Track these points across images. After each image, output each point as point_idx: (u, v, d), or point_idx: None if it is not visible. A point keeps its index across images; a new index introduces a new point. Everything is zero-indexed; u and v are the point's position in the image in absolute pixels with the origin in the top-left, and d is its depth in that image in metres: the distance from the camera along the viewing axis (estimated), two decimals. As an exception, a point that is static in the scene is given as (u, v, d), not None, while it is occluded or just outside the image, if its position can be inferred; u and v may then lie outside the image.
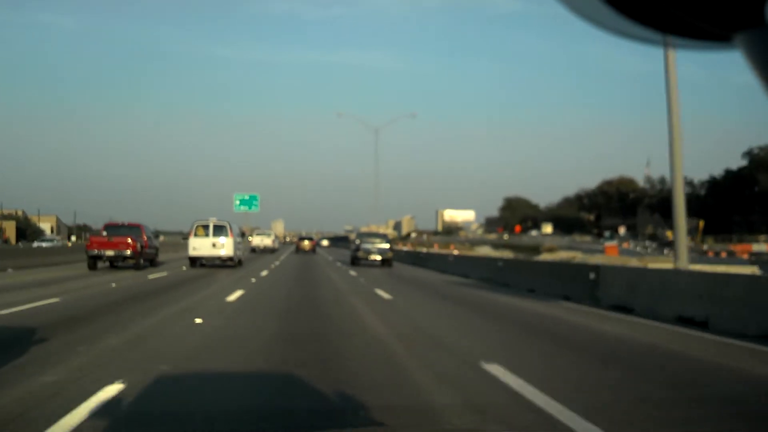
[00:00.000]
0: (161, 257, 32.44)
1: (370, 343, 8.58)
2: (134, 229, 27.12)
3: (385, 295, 15.69)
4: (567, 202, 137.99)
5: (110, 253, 26.00)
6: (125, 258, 26.17)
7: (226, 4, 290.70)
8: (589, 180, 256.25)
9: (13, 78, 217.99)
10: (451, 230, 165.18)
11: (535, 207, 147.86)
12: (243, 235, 42.58)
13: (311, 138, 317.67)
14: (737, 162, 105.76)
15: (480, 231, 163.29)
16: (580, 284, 15.29)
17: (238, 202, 65.88)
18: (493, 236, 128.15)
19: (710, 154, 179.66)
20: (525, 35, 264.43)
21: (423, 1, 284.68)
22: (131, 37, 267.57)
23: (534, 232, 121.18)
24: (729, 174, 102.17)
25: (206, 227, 28.60)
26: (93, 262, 26.07)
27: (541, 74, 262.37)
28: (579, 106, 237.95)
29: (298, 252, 53.22)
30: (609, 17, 0.61)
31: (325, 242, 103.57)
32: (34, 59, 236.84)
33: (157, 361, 6.92)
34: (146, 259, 27.42)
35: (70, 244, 64.37)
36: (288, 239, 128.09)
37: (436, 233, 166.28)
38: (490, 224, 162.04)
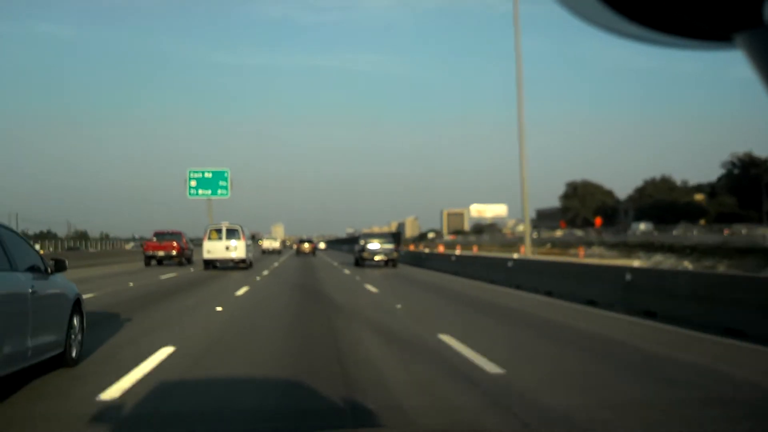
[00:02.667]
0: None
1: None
2: (176, 235, 38.03)
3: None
4: (653, 186, 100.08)
5: (161, 253, 36.82)
6: (171, 257, 36.87)
7: (222, 10, 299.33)
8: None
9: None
10: (481, 228, 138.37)
11: (609, 193, 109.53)
12: (253, 238, 49.79)
13: (311, 140, 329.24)
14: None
15: (521, 228, 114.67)
16: None
17: (194, 183, 43.65)
18: (558, 233, 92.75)
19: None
20: (524, 34, 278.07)
21: (419, 3, 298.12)
22: (114, 42, 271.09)
23: (643, 225, 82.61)
24: None
25: (219, 231, 30.59)
26: (148, 260, 36.68)
27: (541, 72, 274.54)
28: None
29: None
30: (609, 17, 0.62)
31: (322, 245, 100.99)
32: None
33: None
34: (185, 258, 38.17)
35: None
36: (288, 243, 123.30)
37: (458, 232, 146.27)
38: (543, 218, 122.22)
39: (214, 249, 30.11)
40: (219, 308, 12.38)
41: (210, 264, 30.33)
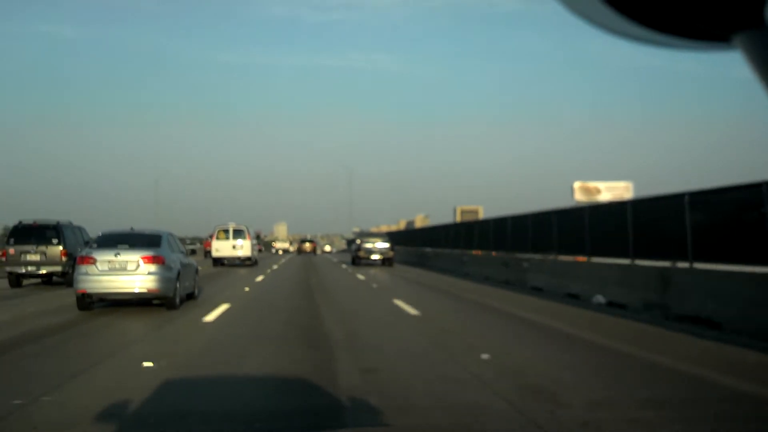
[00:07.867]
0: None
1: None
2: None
3: None
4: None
5: (216, 248, 45.73)
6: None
7: (227, 9, 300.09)
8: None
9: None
10: None
11: None
12: (258, 237, 56.17)
13: (313, 139, 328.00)
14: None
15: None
16: None
17: None
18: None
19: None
20: (525, 35, 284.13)
21: (423, 2, 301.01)
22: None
23: None
24: None
25: (227, 231, 32.27)
26: (206, 254, 45.65)
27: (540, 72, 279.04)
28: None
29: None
30: (609, 17, 0.62)
31: (327, 248, 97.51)
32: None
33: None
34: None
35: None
36: (293, 242, 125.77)
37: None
38: None
39: (222, 248, 32.14)
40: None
41: (218, 261, 32.14)
